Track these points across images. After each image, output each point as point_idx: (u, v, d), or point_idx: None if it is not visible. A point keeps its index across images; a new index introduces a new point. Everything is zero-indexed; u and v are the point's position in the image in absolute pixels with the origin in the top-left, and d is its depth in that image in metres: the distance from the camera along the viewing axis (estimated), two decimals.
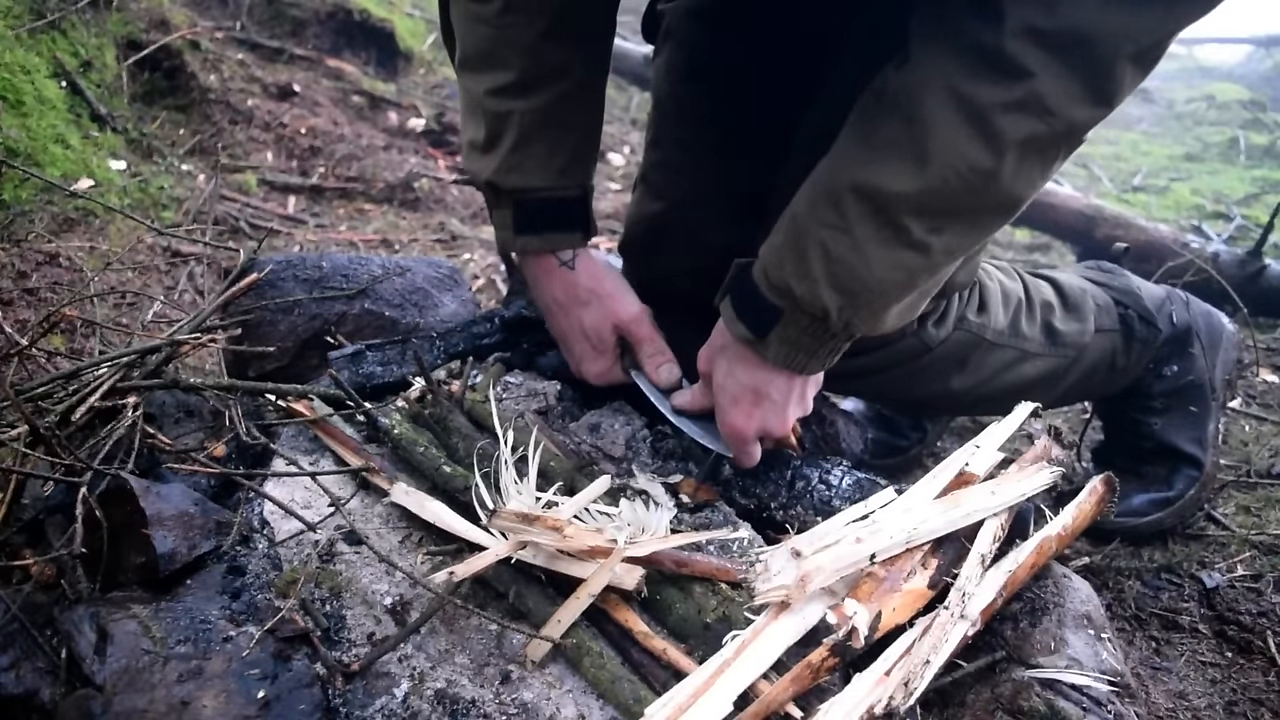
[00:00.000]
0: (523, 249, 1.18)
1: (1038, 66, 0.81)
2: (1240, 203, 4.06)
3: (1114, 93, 0.84)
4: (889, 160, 0.89)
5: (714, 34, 1.22)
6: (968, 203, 0.89)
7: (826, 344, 1.00)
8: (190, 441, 1.08)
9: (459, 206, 3.02)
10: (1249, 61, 7.93)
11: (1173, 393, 1.46)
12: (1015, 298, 1.32)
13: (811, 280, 0.94)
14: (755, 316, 1.00)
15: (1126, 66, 0.82)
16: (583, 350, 1.21)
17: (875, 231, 0.91)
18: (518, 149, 1.10)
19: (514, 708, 0.83)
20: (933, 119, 0.86)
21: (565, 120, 1.12)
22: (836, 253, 0.92)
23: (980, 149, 0.85)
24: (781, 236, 0.98)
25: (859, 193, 0.90)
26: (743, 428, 1.06)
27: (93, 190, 2.09)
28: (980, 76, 0.83)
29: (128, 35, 2.73)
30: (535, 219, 1.15)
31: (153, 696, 0.75)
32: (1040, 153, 0.87)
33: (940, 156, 0.86)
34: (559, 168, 1.13)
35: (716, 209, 1.27)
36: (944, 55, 0.86)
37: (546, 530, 0.89)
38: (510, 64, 1.07)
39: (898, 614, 0.86)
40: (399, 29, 3.85)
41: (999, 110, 0.83)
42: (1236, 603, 1.33)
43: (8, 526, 0.94)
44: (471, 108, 1.13)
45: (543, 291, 1.21)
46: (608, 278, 1.20)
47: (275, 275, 1.32)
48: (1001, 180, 0.86)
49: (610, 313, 1.18)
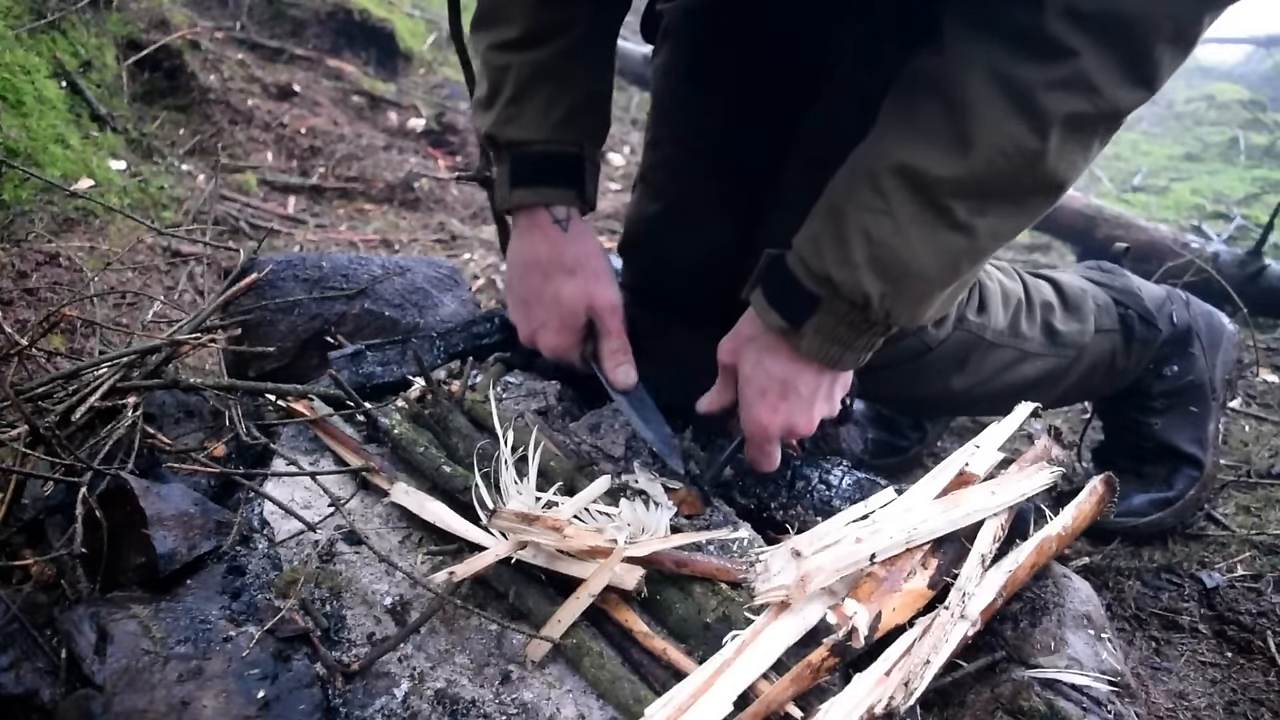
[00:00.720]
0: (517, 203, 1.14)
1: (1081, 45, 0.81)
2: (1240, 203, 4.06)
3: (1154, 75, 0.84)
4: (932, 143, 0.88)
5: (713, 34, 1.22)
6: (1013, 184, 0.89)
7: (863, 335, 0.97)
8: (190, 441, 1.08)
9: (459, 206, 3.02)
10: (1249, 61, 7.93)
11: (1173, 393, 1.46)
12: (1015, 298, 1.32)
13: (852, 266, 0.92)
14: (790, 305, 0.98)
15: (1165, 48, 0.83)
16: (546, 319, 1.16)
17: (918, 213, 0.89)
18: (515, 101, 1.09)
19: (514, 708, 0.83)
20: (976, 101, 0.85)
21: (564, 75, 1.10)
22: (879, 236, 0.90)
23: (1025, 129, 0.84)
24: (819, 223, 0.96)
25: (901, 174, 0.89)
26: (768, 422, 1.03)
27: (93, 190, 2.09)
28: (1022, 57, 0.83)
29: (128, 35, 2.73)
30: (527, 172, 1.13)
31: (153, 696, 0.75)
32: (1082, 132, 0.87)
33: (985, 138, 0.86)
34: (555, 121, 1.10)
35: (715, 208, 1.27)
36: (983, 38, 0.86)
37: (546, 530, 0.89)
38: (513, 19, 1.07)
39: (898, 614, 0.86)
40: (399, 29, 3.85)
41: (1042, 89, 0.83)
42: (1236, 603, 1.33)
43: (8, 526, 0.94)
44: (479, 67, 1.14)
45: (525, 247, 1.15)
46: (597, 255, 1.16)
47: (275, 275, 1.32)
48: (1047, 160, 0.86)
49: (589, 292, 1.13)
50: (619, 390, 1.15)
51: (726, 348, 1.07)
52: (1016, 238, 1.04)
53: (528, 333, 1.19)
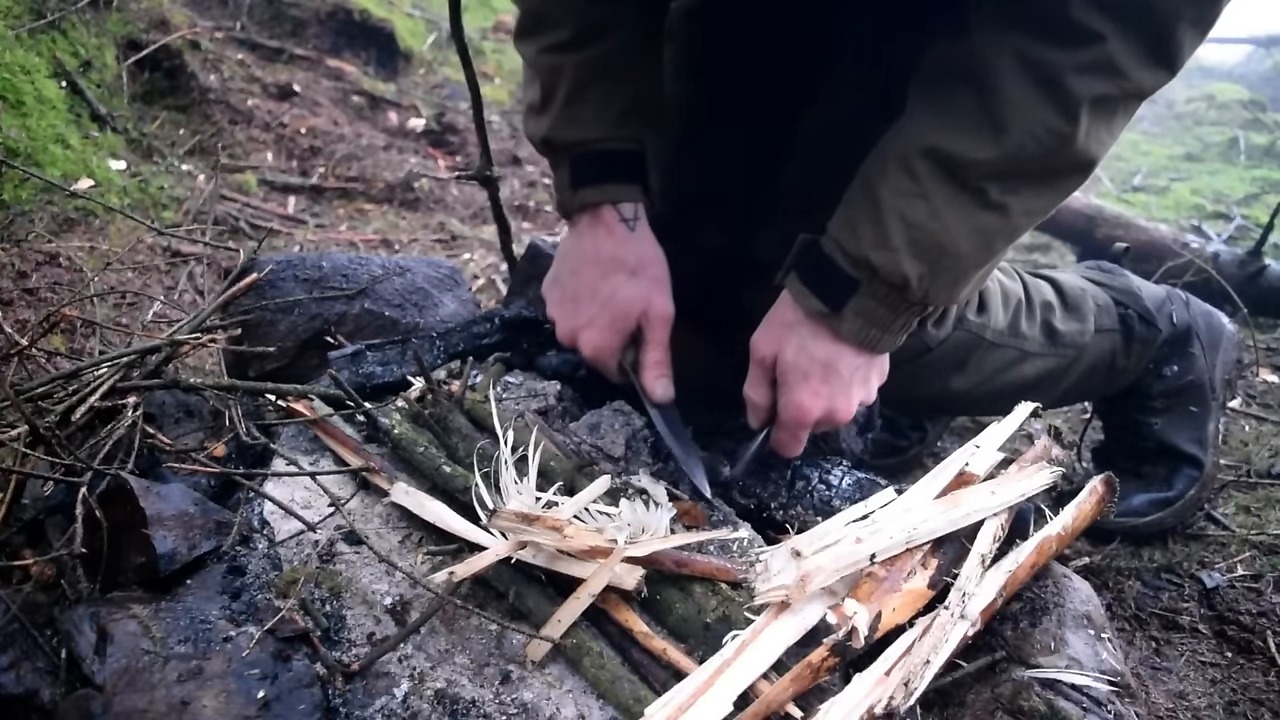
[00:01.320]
0: (582, 203, 1.12)
1: (1107, 30, 0.83)
2: (1240, 203, 4.06)
3: (1175, 55, 0.87)
4: (964, 127, 0.90)
5: (714, 35, 1.22)
6: (1044, 165, 0.91)
7: (901, 316, 0.99)
8: (190, 441, 1.08)
9: (459, 206, 3.02)
10: (1249, 61, 7.93)
11: (1173, 393, 1.46)
12: (1015, 298, 1.32)
13: (891, 250, 0.93)
14: (829, 289, 0.99)
15: (1186, 29, 0.85)
16: (595, 317, 1.12)
17: (953, 195, 0.91)
18: (571, 102, 1.08)
19: (514, 708, 0.83)
20: (1006, 85, 0.87)
21: (618, 72, 1.09)
22: (915, 219, 0.92)
23: (1054, 112, 0.87)
24: (855, 207, 0.97)
25: (933, 158, 0.91)
26: (810, 406, 1.04)
27: (93, 190, 2.09)
28: (1050, 42, 0.85)
29: (128, 35, 2.73)
30: (590, 171, 1.12)
31: (153, 696, 0.75)
32: (1108, 112, 0.89)
33: (1018, 122, 0.88)
34: (613, 119, 1.10)
35: (715, 209, 1.27)
36: (1008, 24, 0.88)
37: (546, 530, 0.89)
38: (562, 22, 1.07)
39: (898, 614, 0.86)
40: (399, 29, 3.85)
41: (1071, 72, 0.85)
42: (1236, 603, 1.33)
43: (8, 526, 0.94)
44: (529, 72, 1.13)
45: (586, 243, 1.13)
46: (660, 262, 1.14)
47: (275, 275, 1.32)
48: (1077, 141, 0.89)
49: (647, 296, 1.12)
50: (655, 403, 1.13)
51: (764, 339, 1.07)
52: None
53: (569, 329, 1.15)
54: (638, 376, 1.14)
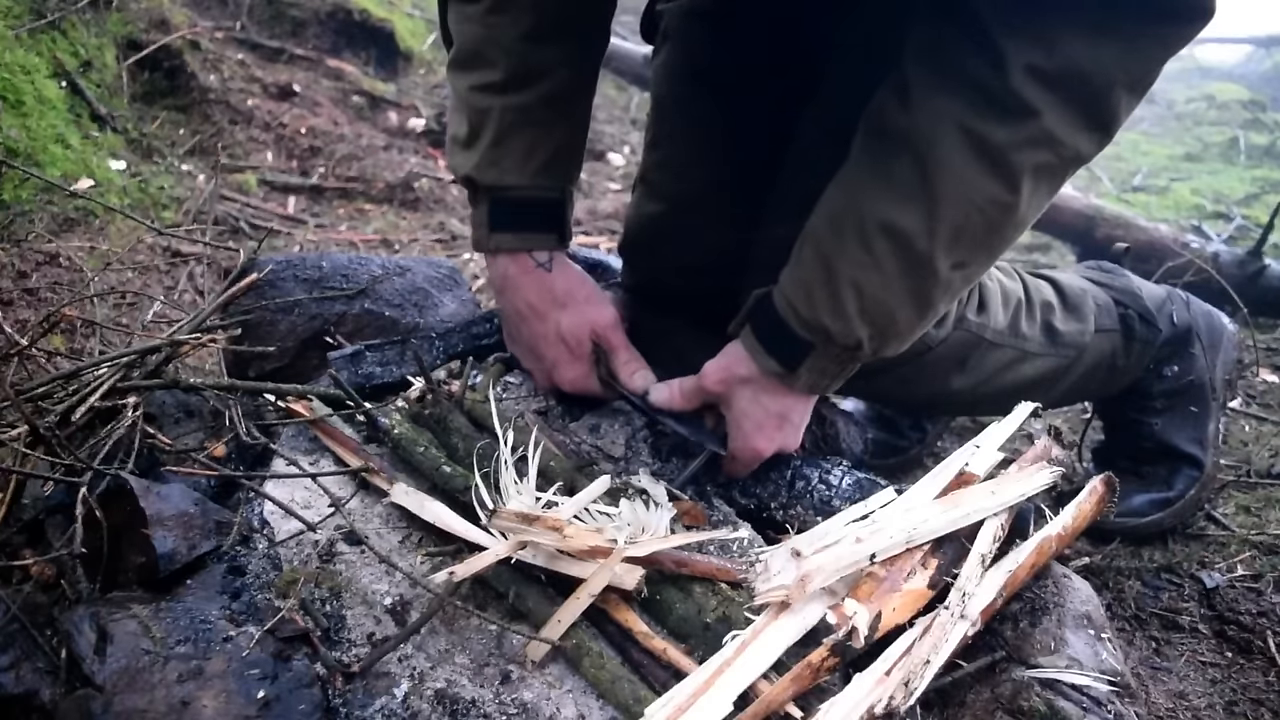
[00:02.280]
0: (496, 247, 1.16)
1: (1043, 104, 0.84)
2: (1240, 203, 4.06)
3: (1112, 120, 0.88)
4: (912, 201, 0.92)
5: (713, 34, 1.22)
6: (988, 233, 0.93)
7: (849, 367, 1.04)
8: (190, 441, 1.08)
9: (459, 206, 3.02)
10: (1249, 61, 7.94)
11: (1173, 393, 1.46)
12: (1015, 297, 1.32)
13: (845, 319, 0.97)
14: (784, 351, 1.03)
15: (1122, 95, 0.86)
16: (557, 356, 1.18)
17: (906, 269, 0.94)
18: (496, 145, 1.10)
19: (514, 708, 0.83)
20: (949, 160, 0.89)
21: (546, 121, 1.12)
22: (869, 291, 0.96)
23: (997, 184, 0.89)
24: (808, 272, 1.00)
25: (888, 233, 0.93)
26: (764, 450, 1.10)
27: (93, 190, 2.09)
28: (989, 116, 0.86)
29: (128, 35, 2.73)
30: (510, 217, 1.14)
31: (153, 696, 0.75)
32: (1051, 178, 0.91)
33: (961, 195, 0.90)
34: (536, 168, 1.12)
35: (716, 209, 1.27)
36: (949, 95, 0.88)
37: (546, 530, 0.89)
38: (495, 62, 1.08)
39: (898, 614, 0.86)
40: (399, 29, 3.85)
41: (1011, 148, 0.87)
42: (1236, 603, 1.33)
43: (8, 526, 0.94)
44: (457, 105, 1.14)
45: (515, 295, 1.18)
46: (584, 283, 1.20)
47: (275, 275, 1.32)
48: (1019, 210, 0.91)
49: (587, 317, 1.17)
50: (641, 395, 1.17)
51: (716, 378, 1.10)
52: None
53: (543, 376, 1.22)
54: (617, 381, 1.19)
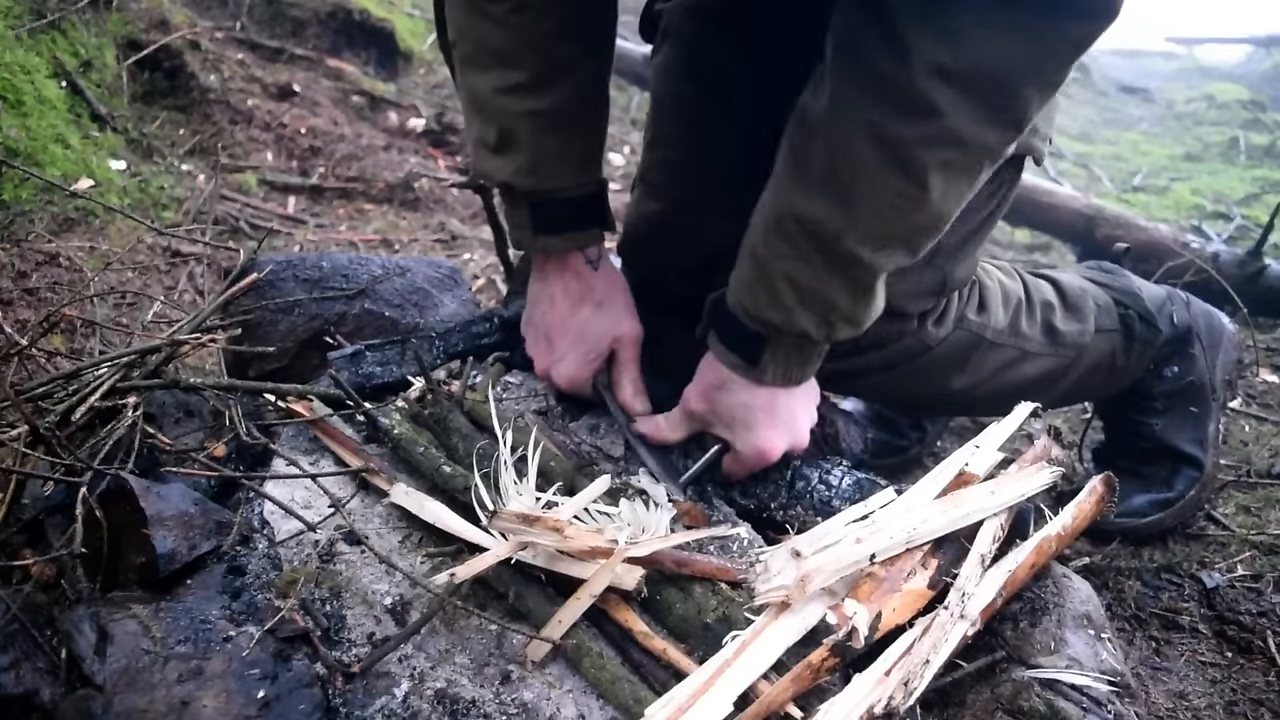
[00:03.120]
0: (544, 248, 1.15)
1: (946, 104, 0.83)
2: (1240, 203, 4.06)
3: (1021, 118, 0.87)
4: (825, 195, 0.93)
5: (711, 33, 1.22)
6: (901, 224, 0.93)
7: (812, 353, 1.05)
8: (190, 441, 1.08)
9: (459, 206, 3.02)
10: (1249, 61, 7.94)
11: (1173, 393, 1.46)
12: (1015, 297, 1.32)
13: (786, 309, 0.98)
14: (742, 345, 1.05)
15: (1034, 94, 0.85)
16: (569, 350, 1.17)
17: (829, 260, 0.95)
18: (534, 151, 1.07)
19: (514, 708, 0.83)
20: (858, 156, 0.89)
21: (578, 118, 1.10)
22: (802, 281, 0.97)
23: (902, 179, 0.89)
24: (747, 271, 1.02)
25: (803, 226, 0.94)
26: (769, 449, 1.08)
27: (93, 190, 2.09)
28: (894, 113, 0.86)
29: (128, 35, 2.73)
30: (554, 220, 1.13)
31: (153, 696, 0.75)
32: (964, 173, 0.91)
33: (871, 191, 0.90)
34: (575, 167, 1.11)
35: (715, 208, 1.26)
36: (858, 88, 0.88)
37: (547, 531, 0.89)
38: (521, 62, 1.04)
39: (898, 614, 0.86)
40: (399, 29, 3.85)
41: (916, 144, 0.86)
42: (1236, 603, 1.33)
43: (8, 526, 0.94)
44: (478, 106, 1.10)
45: (554, 283, 1.17)
46: (623, 290, 1.20)
47: (275, 275, 1.32)
48: (931, 202, 0.90)
49: (616, 325, 1.17)
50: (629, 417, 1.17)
51: (697, 396, 1.11)
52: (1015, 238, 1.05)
53: (544, 365, 1.21)
54: (614, 395, 1.19)
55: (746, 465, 1.12)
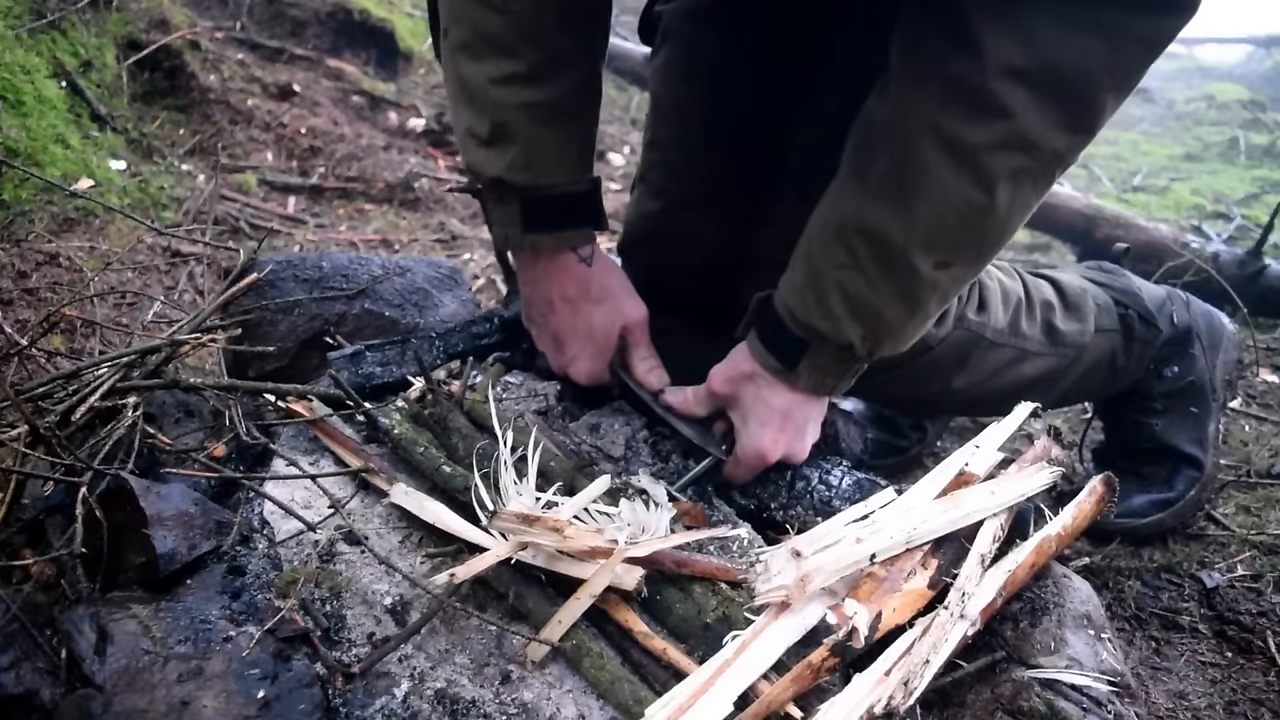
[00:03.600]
0: (533, 246, 1.12)
1: (1019, 105, 0.82)
2: (1240, 203, 4.06)
3: (1094, 122, 0.86)
4: (888, 201, 0.92)
5: (711, 35, 1.22)
6: (967, 235, 0.92)
7: (853, 367, 1.05)
8: (190, 441, 1.08)
9: (459, 206, 3.02)
10: (1249, 61, 7.94)
11: (1173, 394, 1.46)
12: (1015, 297, 1.32)
13: (835, 319, 0.98)
14: (783, 349, 1.04)
15: (1107, 98, 0.84)
16: (582, 349, 1.18)
17: (887, 270, 0.94)
18: (528, 144, 1.04)
19: (514, 708, 0.83)
20: (923, 161, 0.88)
21: (574, 112, 1.07)
22: (854, 291, 0.96)
23: (972, 187, 0.87)
24: (800, 275, 1.01)
25: (865, 234, 0.93)
26: (769, 450, 1.09)
27: (93, 190, 2.09)
28: (963, 116, 0.85)
29: (128, 35, 2.73)
30: (546, 217, 1.09)
31: (153, 696, 0.75)
32: (1032, 181, 0.89)
33: (936, 196, 0.89)
34: (570, 162, 1.08)
35: (715, 208, 1.27)
36: (926, 92, 0.87)
37: (547, 531, 0.89)
38: (518, 51, 1.01)
39: (898, 614, 0.86)
40: (399, 29, 3.85)
41: (985, 150, 0.85)
42: (1236, 603, 1.33)
43: (8, 526, 0.94)
44: (469, 96, 1.05)
45: (549, 287, 1.15)
46: (619, 276, 1.19)
47: (275, 275, 1.32)
48: (997, 212, 0.89)
49: (621, 313, 1.16)
50: (652, 392, 1.18)
51: (723, 379, 1.10)
52: (1016, 238, 1.05)
53: (560, 366, 1.21)
54: (631, 375, 1.19)
55: (745, 464, 1.12)
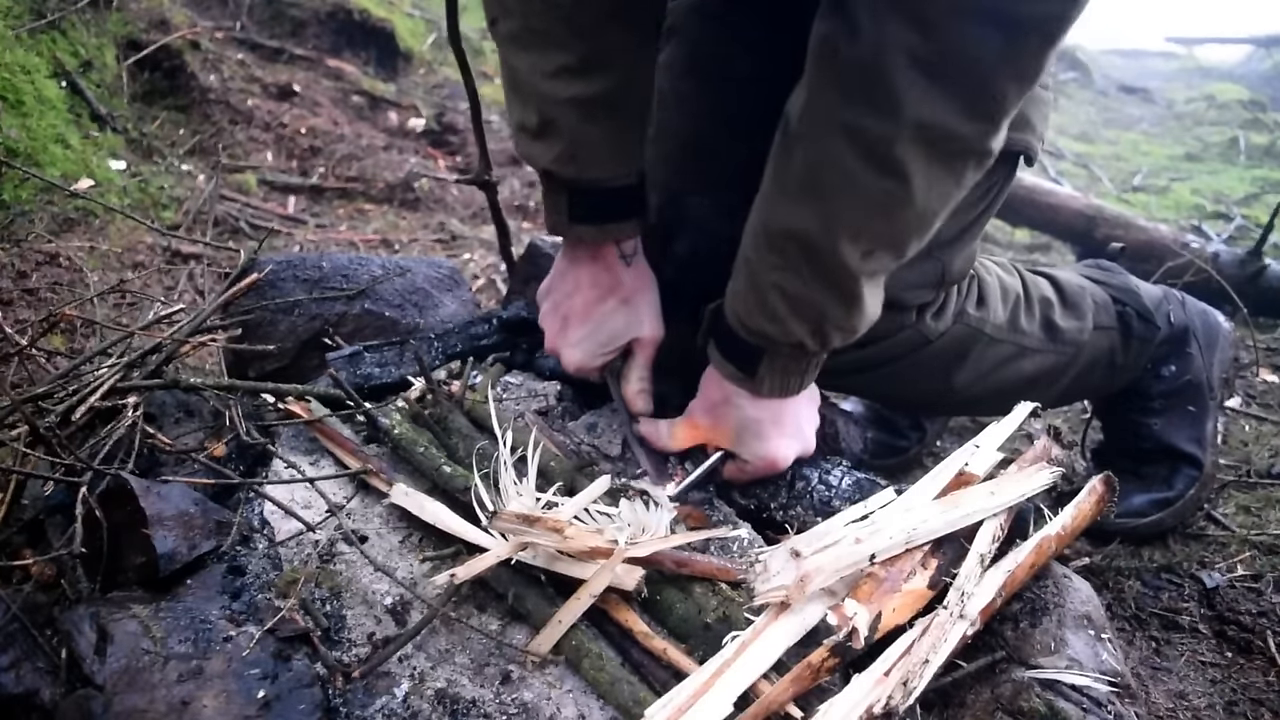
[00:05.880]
0: (579, 236, 1.12)
1: (919, 95, 0.82)
2: (1240, 203, 4.07)
3: (998, 110, 0.86)
4: (806, 201, 0.92)
5: (714, 31, 1.22)
6: (889, 227, 0.92)
7: (812, 360, 1.05)
8: (190, 441, 1.08)
9: (459, 206, 3.02)
10: (1249, 61, 7.95)
11: (1171, 393, 1.46)
12: (1014, 293, 1.33)
13: (779, 320, 0.98)
14: (741, 357, 1.05)
15: (1009, 85, 0.84)
16: (585, 338, 1.16)
17: (818, 269, 0.94)
18: (576, 138, 1.04)
19: (514, 708, 0.83)
20: (835, 156, 0.88)
21: (624, 106, 1.07)
22: (791, 291, 0.96)
23: (884, 179, 0.87)
24: (741, 282, 1.02)
25: (791, 236, 0.94)
26: (781, 458, 1.09)
27: (93, 190, 2.09)
28: (868, 108, 0.85)
29: (128, 35, 2.73)
30: (592, 209, 1.10)
31: (153, 696, 0.75)
32: (945, 168, 0.89)
33: (850, 191, 0.89)
34: (616, 158, 1.08)
35: (712, 203, 1.27)
36: (833, 88, 0.87)
37: (547, 531, 0.89)
38: (569, 45, 1.00)
39: (898, 614, 0.86)
40: (399, 29, 3.85)
41: (892, 140, 0.85)
42: (1236, 603, 1.33)
43: (8, 526, 0.94)
44: (518, 87, 1.05)
45: (580, 270, 1.14)
46: (652, 288, 1.18)
47: (275, 275, 1.32)
48: (915, 203, 0.89)
49: (638, 323, 1.15)
50: (632, 414, 1.18)
51: (702, 410, 1.11)
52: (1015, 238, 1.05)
53: (554, 343, 1.19)
54: (621, 387, 1.18)
55: (755, 474, 1.12)
